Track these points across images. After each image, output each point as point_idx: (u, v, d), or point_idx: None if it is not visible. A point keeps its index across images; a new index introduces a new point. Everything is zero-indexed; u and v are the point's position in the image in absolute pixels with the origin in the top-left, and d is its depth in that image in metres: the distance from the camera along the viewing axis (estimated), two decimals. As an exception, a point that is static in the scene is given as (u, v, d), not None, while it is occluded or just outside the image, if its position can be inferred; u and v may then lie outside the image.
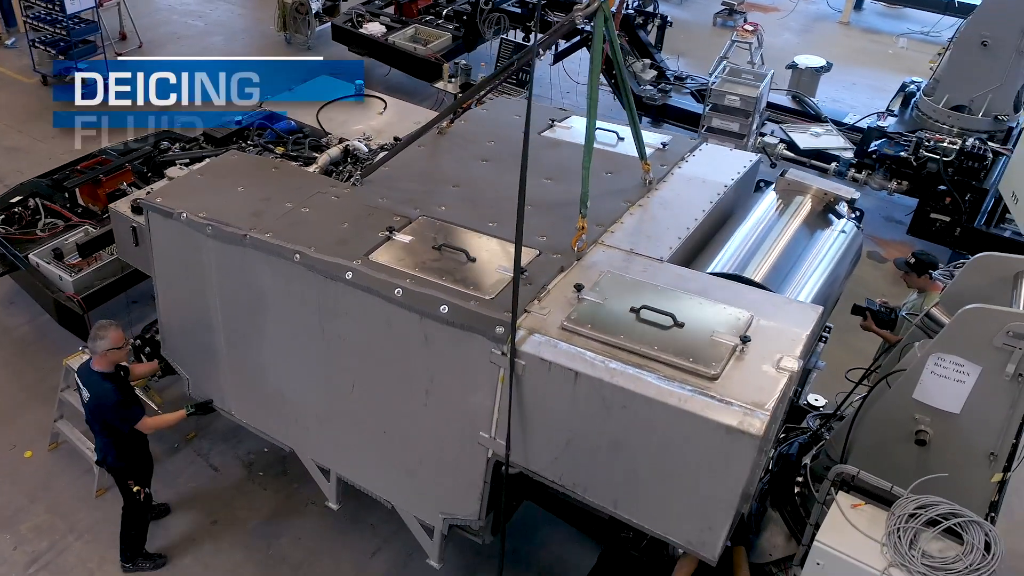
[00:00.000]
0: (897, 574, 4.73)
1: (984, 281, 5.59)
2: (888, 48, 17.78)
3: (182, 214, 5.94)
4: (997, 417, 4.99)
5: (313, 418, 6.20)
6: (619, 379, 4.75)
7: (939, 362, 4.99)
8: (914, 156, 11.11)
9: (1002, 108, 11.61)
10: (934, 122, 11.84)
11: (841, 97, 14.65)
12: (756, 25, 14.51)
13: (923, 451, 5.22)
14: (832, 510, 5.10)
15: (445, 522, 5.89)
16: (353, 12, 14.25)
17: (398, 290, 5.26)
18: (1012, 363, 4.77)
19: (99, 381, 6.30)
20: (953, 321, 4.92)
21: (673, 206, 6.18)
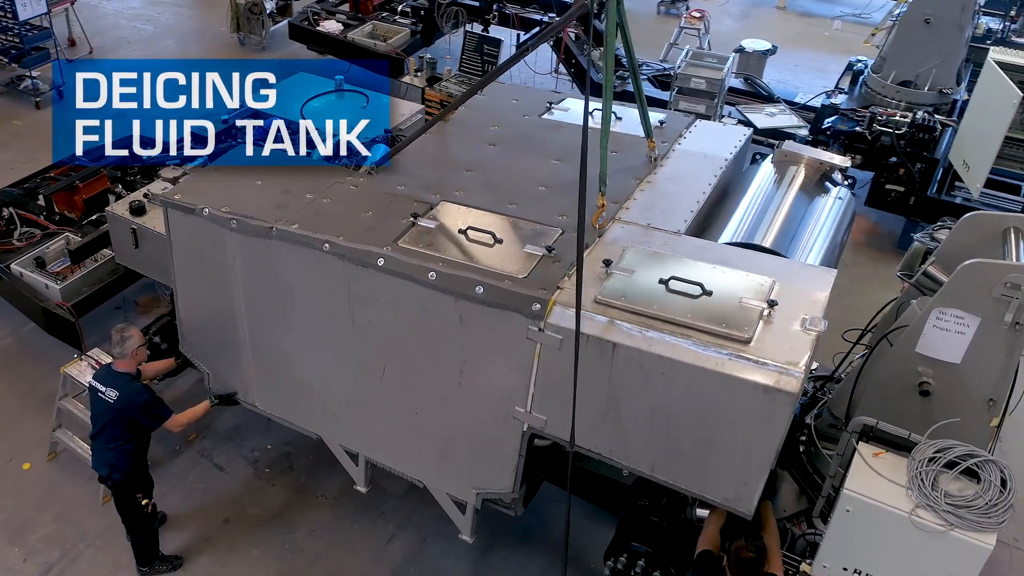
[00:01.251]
0: (924, 514, 4.97)
1: (974, 239, 5.83)
2: (824, 31, 18.32)
3: (204, 209, 5.98)
4: (995, 365, 5.30)
5: (342, 404, 6.28)
6: (657, 347, 4.96)
7: (940, 316, 5.25)
8: (868, 130, 11.51)
9: (946, 82, 12.09)
10: (882, 97, 12.27)
11: (786, 78, 15.04)
12: (703, 12, 14.88)
13: (927, 401, 5.49)
14: (855, 460, 5.33)
15: (479, 497, 6.04)
16: (308, 11, 14.21)
17: (432, 274, 5.38)
18: (1010, 312, 5.06)
19: (128, 381, 6.30)
20: (954, 276, 5.18)
21: (680, 181, 6.40)
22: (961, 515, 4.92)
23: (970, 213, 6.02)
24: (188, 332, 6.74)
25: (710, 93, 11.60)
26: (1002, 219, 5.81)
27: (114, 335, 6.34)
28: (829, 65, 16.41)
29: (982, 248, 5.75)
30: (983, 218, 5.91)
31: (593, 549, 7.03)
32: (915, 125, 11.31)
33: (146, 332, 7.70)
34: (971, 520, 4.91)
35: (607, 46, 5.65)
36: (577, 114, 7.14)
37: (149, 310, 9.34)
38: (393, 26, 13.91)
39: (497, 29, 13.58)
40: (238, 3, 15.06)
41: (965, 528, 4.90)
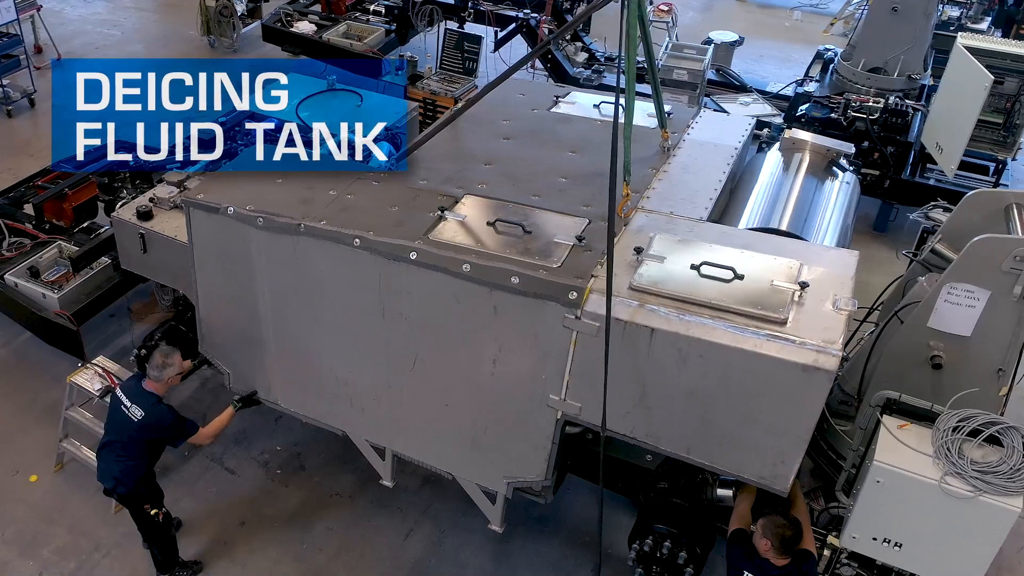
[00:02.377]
0: (953, 481, 5.15)
1: (978, 215, 6.04)
2: (784, 21, 18.64)
3: (228, 208, 5.97)
4: (1004, 336, 5.52)
5: (370, 398, 6.30)
6: (695, 331, 5.06)
7: (952, 291, 5.46)
8: (843, 116, 11.76)
9: (914, 68, 12.37)
10: (853, 84, 12.51)
11: (752, 69, 15.27)
12: (670, 5, 15.06)
13: (938, 373, 5.70)
14: (882, 432, 5.48)
15: (509, 486, 6.11)
16: (281, 12, 14.13)
17: (466, 265, 5.43)
18: (1019, 285, 5.29)
19: (155, 403, 6.27)
20: (964, 252, 5.37)
21: (694, 169, 6.52)
22: (988, 480, 5.10)
23: (973, 191, 6.21)
24: (209, 333, 6.72)
25: (692, 84, 11.76)
26: (1003, 196, 6.03)
27: (157, 357, 6.30)
28: (792, 54, 16.71)
29: (986, 224, 5.96)
30: (986, 195, 6.12)
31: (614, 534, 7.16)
32: (888, 110, 11.61)
33: (151, 338, 7.69)
34: (998, 485, 5.09)
35: (629, 40, 5.73)
36: (584, 107, 7.25)
37: (143, 316, 9.28)
38: (367, 26, 13.90)
39: (473, 26, 13.62)
40: (207, 5, 14.92)
41: (993, 493, 5.09)
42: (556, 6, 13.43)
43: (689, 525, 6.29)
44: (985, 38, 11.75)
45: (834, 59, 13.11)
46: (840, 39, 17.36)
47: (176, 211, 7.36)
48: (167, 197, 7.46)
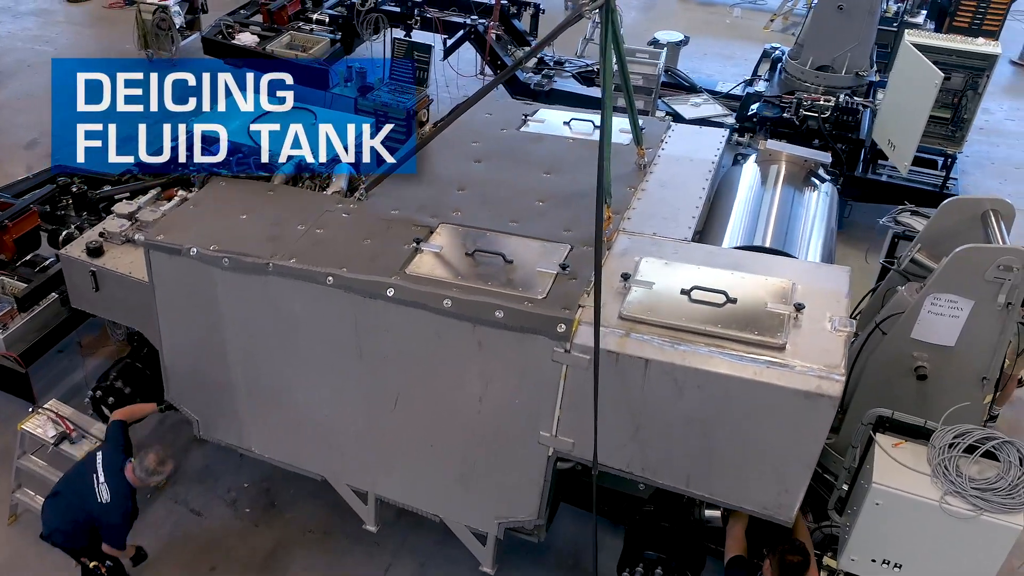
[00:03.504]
0: (953, 501, 5.02)
1: (954, 222, 5.97)
2: (725, 19, 18.62)
3: (191, 249, 5.65)
4: (988, 344, 5.44)
5: (349, 442, 6.05)
6: (691, 360, 4.89)
7: (935, 301, 5.37)
8: (795, 116, 11.74)
9: (861, 65, 12.38)
10: (802, 83, 12.48)
11: (698, 68, 15.16)
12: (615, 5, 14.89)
13: (923, 384, 5.61)
14: (877, 452, 5.33)
15: (501, 527, 5.88)
16: (221, 24, 13.66)
17: (447, 301, 5.20)
18: (1003, 293, 5.21)
19: (124, 496, 6.00)
20: (948, 262, 5.28)
21: (673, 186, 6.34)
22: (987, 498, 4.98)
23: (950, 199, 6.13)
24: (175, 379, 6.38)
25: (647, 88, 11.62)
26: (979, 202, 5.94)
27: (151, 460, 5.97)
28: (735, 52, 16.69)
29: (963, 231, 5.88)
30: (962, 202, 6.04)
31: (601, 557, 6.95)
32: (839, 108, 11.63)
33: (106, 377, 7.33)
34: (997, 502, 4.97)
35: (604, 56, 5.55)
36: (554, 125, 7.04)
37: (95, 350, 8.85)
38: (312, 35, 13.50)
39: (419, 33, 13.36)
40: (144, 19, 14.39)
41: (993, 511, 4.97)
42: (503, 11, 13.21)
43: (679, 549, 6.12)
44: (931, 35, 11.82)
45: (782, 58, 13.10)
46: (780, 35, 17.45)
47: (128, 245, 7.01)
48: (118, 231, 7.08)
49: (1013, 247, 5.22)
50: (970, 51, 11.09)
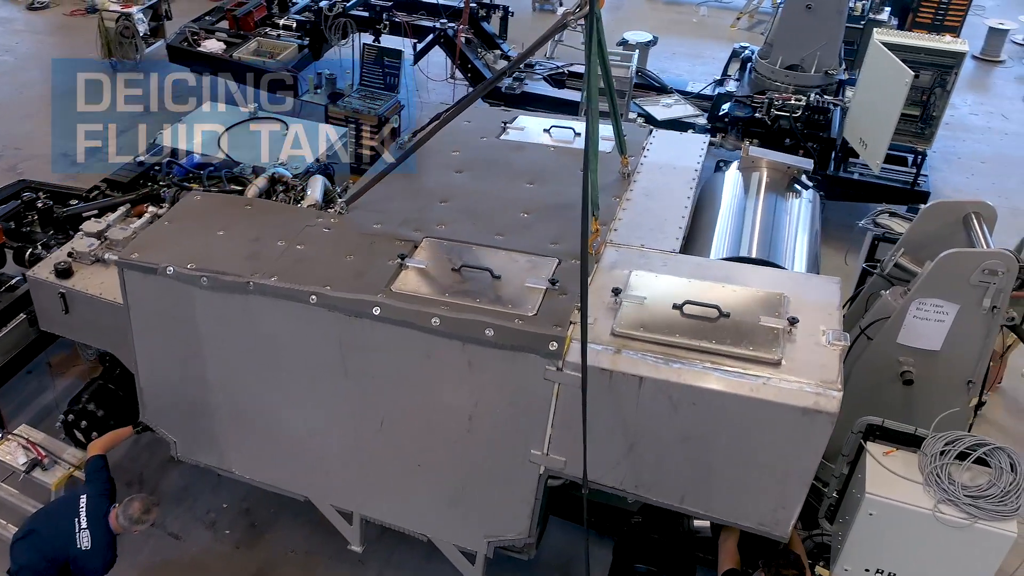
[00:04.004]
0: (947, 509, 4.98)
1: (936, 226, 5.95)
2: (692, 17, 18.61)
3: (167, 268, 5.46)
4: (973, 348, 5.46)
5: (334, 462, 5.90)
6: (686, 378, 4.80)
7: (921, 306, 5.37)
8: (767, 115, 11.74)
9: (830, 63, 12.42)
10: (772, 82, 12.50)
11: (667, 67, 15.13)
12: (583, 7, 14.81)
13: (908, 389, 5.60)
14: (869, 462, 5.28)
15: (490, 545, 5.77)
16: (187, 30, 13.36)
17: (435, 319, 5.07)
18: (988, 297, 5.22)
19: (105, 546, 5.79)
20: (933, 267, 5.26)
21: (658, 196, 6.26)
22: (980, 505, 4.95)
23: (932, 203, 6.12)
24: (151, 401, 6.18)
25: (620, 91, 11.52)
26: (961, 206, 5.94)
27: (135, 508, 5.76)
28: (703, 51, 16.68)
29: (946, 234, 5.88)
30: (944, 206, 6.02)
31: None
32: (810, 107, 11.65)
33: (78, 400, 7.08)
34: (990, 510, 4.94)
35: (589, 64, 5.44)
36: (534, 132, 6.92)
37: (64, 370, 8.59)
38: (279, 42, 13.24)
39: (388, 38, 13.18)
40: (107, 27, 14.04)
41: (987, 518, 4.94)
42: (472, 14, 13.08)
43: (669, 561, 6.05)
44: (900, 33, 11.88)
45: (751, 57, 13.10)
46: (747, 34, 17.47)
47: (99, 265, 6.80)
48: (87, 251, 6.83)
49: (998, 251, 5.22)
50: (938, 49, 11.18)
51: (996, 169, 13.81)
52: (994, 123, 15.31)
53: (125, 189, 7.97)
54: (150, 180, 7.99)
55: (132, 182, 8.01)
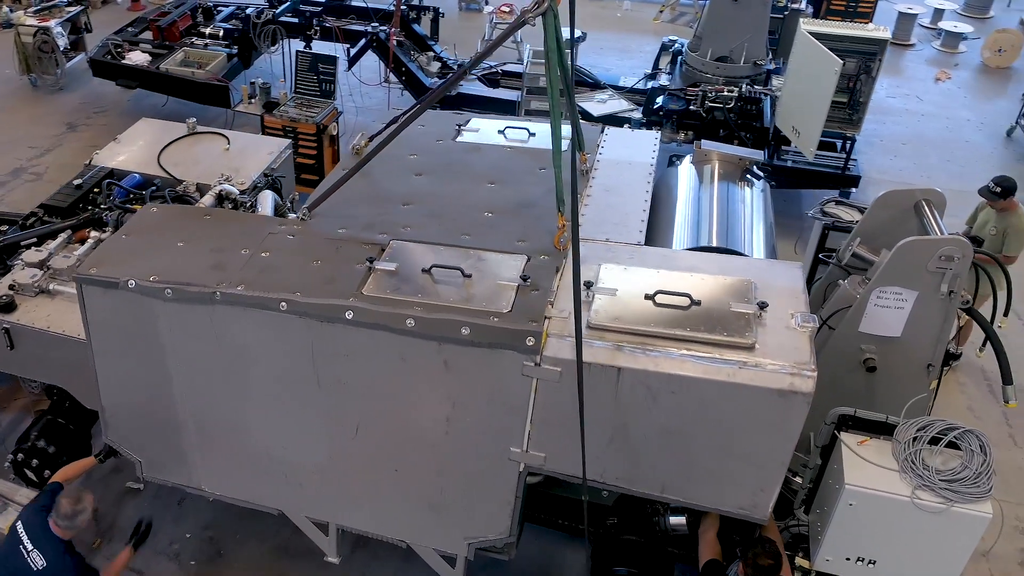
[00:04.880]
0: (924, 495, 5.11)
1: (889, 214, 6.08)
2: (616, 12, 18.84)
3: (129, 282, 5.32)
4: (932, 332, 5.59)
5: (308, 472, 5.81)
6: (664, 366, 4.85)
7: (881, 295, 5.48)
8: (702, 107, 11.93)
9: (758, 54, 12.74)
10: (702, 74, 12.76)
11: (596, 63, 15.25)
12: (511, 6, 14.95)
13: (871, 375, 5.72)
14: (845, 452, 5.38)
15: (471, 547, 5.75)
16: (109, 43, 13.04)
17: (410, 320, 5.03)
18: (945, 283, 5.36)
19: (63, 553, 5.60)
20: (892, 256, 5.38)
21: (618, 191, 6.30)
22: (955, 489, 5.08)
23: (884, 192, 6.18)
24: (114, 420, 6.00)
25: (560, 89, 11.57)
26: (911, 193, 6.05)
27: (64, 504, 5.56)
28: (630, 45, 16.88)
29: (899, 222, 6.02)
30: (895, 195, 6.12)
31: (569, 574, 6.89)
32: (743, 98, 11.89)
33: (26, 438, 6.79)
34: (965, 492, 5.07)
35: (548, 63, 5.45)
36: (489, 134, 6.92)
37: (6, 404, 8.25)
38: (206, 51, 13.01)
39: (320, 44, 13.05)
40: (24, 41, 13.61)
41: (962, 501, 5.07)
42: (403, 17, 13.02)
43: (646, 562, 6.08)
44: (825, 23, 12.18)
45: (682, 50, 13.30)
46: (671, 27, 17.72)
47: (43, 297, 6.54)
48: (30, 282, 6.55)
49: (953, 237, 5.37)
50: (862, 36, 11.48)
51: (917, 150, 14.31)
52: (911, 105, 15.82)
53: (64, 214, 7.57)
54: (90, 203, 7.65)
55: (71, 206, 7.62)
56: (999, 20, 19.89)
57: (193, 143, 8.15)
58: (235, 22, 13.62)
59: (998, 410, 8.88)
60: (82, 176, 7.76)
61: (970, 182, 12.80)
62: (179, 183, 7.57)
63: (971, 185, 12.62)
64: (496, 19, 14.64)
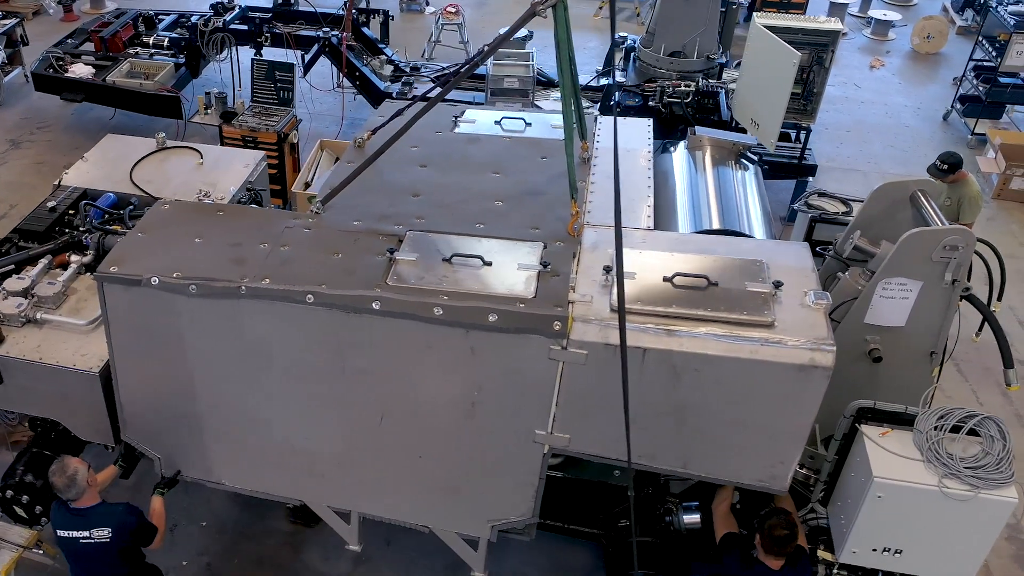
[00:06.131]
0: (951, 483, 5.24)
1: (885, 206, 6.24)
2: (555, 9, 18.86)
3: (152, 279, 5.30)
4: (935, 321, 5.79)
5: (330, 463, 5.86)
6: (688, 345, 5.00)
7: (886, 286, 5.67)
8: (661, 103, 12.13)
9: (710, 48, 12.97)
10: (656, 70, 12.94)
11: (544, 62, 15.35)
12: (457, 6, 15.00)
13: (876, 365, 5.89)
14: (868, 445, 5.48)
15: (494, 529, 5.85)
16: (50, 56, 12.71)
17: (438, 309, 5.10)
18: (949, 272, 5.56)
19: (108, 510, 5.58)
20: (897, 248, 5.55)
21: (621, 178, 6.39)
22: (980, 475, 5.22)
23: (880, 185, 6.31)
24: (132, 418, 5.96)
25: (523, 90, 11.70)
26: (906, 185, 6.22)
27: (57, 480, 5.45)
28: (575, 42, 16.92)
29: (894, 213, 6.20)
30: (891, 187, 6.26)
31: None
32: (700, 92, 12.11)
33: (13, 474, 6.52)
34: (990, 478, 5.22)
35: (561, 53, 5.57)
36: (485, 124, 7.00)
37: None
38: (153, 62, 12.76)
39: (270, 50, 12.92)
40: (-43, 58, 13.25)
41: (988, 488, 5.21)
42: (353, 21, 12.97)
43: (663, 563, 6.22)
44: (778, 16, 12.41)
45: (634, 47, 13.48)
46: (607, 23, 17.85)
47: (31, 326, 6.30)
48: (16, 312, 6.28)
49: (956, 227, 5.56)
50: (815, 28, 11.74)
51: (860, 136, 14.72)
52: (849, 93, 16.23)
53: (41, 239, 7.15)
54: (66, 226, 7.31)
55: (48, 230, 7.21)
56: (923, 7, 20.52)
57: (164, 158, 7.89)
58: (180, 31, 13.38)
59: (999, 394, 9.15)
60: (56, 198, 7.47)
61: (914, 167, 13.37)
62: (155, 200, 7.31)
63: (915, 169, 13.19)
64: (443, 20, 14.70)
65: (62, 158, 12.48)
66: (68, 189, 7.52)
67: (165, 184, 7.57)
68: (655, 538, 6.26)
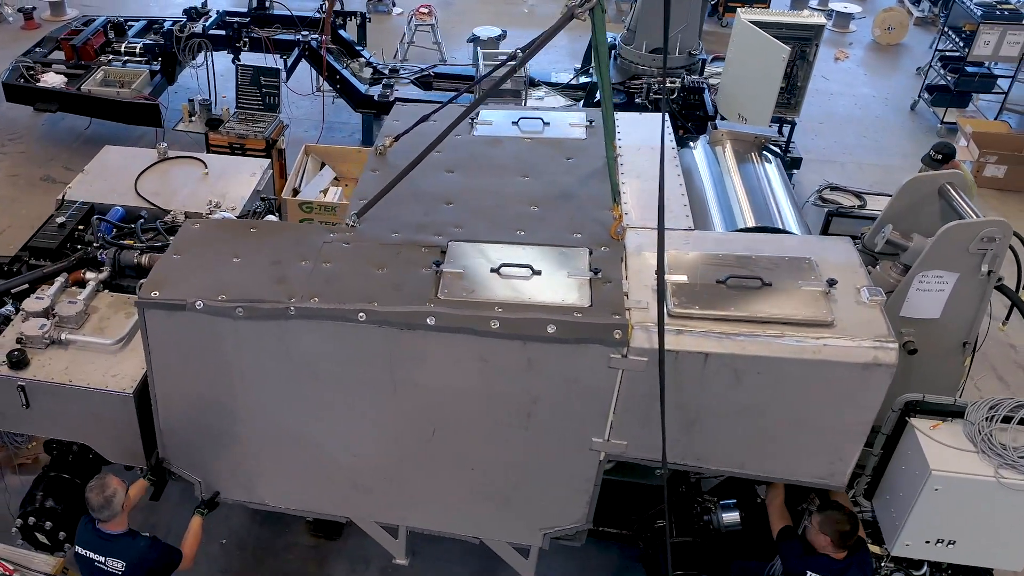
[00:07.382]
0: (1008, 474, 5.22)
1: (914, 199, 6.19)
2: (523, 8, 18.82)
3: (196, 303, 5.10)
4: (969, 312, 5.78)
5: (379, 477, 5.74)
6: (751, 348, 4.95)
7: (923, 279, 5.64)
8: (647, 100, 12.09)
9: (692, 44, 12.92)
10: (638, 67, 12.87)
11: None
12: (430, 7, 14.84)
13: (911, 357, 5.82)
14: (921, 438, 5.43)
15: (546, 537, 5.78)
16: (20, 66, 12.31)
17: (494, 322, 4.98)
18: (985, 263, 5.54)
19: (130, 543, 5.40)
20: (935, 240, 5.53)
21: (648, 176, 6.31)
22: None
23: (909, 178, 6.28)
24: (172, 443, 5.77)
25: (515, 91, 11.57)
26: (934, 178, 6.20)
27: (94, 498, 5.27)
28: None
29: (924, 207, 6.16)
30: (919, 181, 6.24)
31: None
32: (686, 88, 12.08)
33: (32, 500, 6.26)
34: None
35: (600, 56, 5.46)
36: (503, 125, 6.86)
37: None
38: (127, 69, 12.43)
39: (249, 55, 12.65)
40: (-83, 67, 12.75)
41: None
42: (332, 25, 12.77)
43: (705, 563, 6.13)
44: (763, 11, 12.52)
45: (615, 44, 13.40)
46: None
47: (55, 347, 6.04)
48: (39, 334, 6.00)
49: (994, 219, 5.53)
50: (799, 23, 11.79)
51: (833, 128, 14.79)
52: (818, 84, 16.21)
53: (54, 256, 6.91)
54: (78, 243, 7.05)
55: (60, 247, 6.95)
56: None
57: (167, 169, 7.65)
58: (154, 37, 13.07)
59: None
60: (63, 213, 7.19)
61: (887, 156, 13.51)
62: (166, 213, 7.13)
63: (889, 159, 13.26)
64: (415, 20, 14.54)
65: (37, 170, 12.13)
66: (75, 204, 7.26)
67: (172, 196, 7.34)
68: (694, 537, 6.18)
